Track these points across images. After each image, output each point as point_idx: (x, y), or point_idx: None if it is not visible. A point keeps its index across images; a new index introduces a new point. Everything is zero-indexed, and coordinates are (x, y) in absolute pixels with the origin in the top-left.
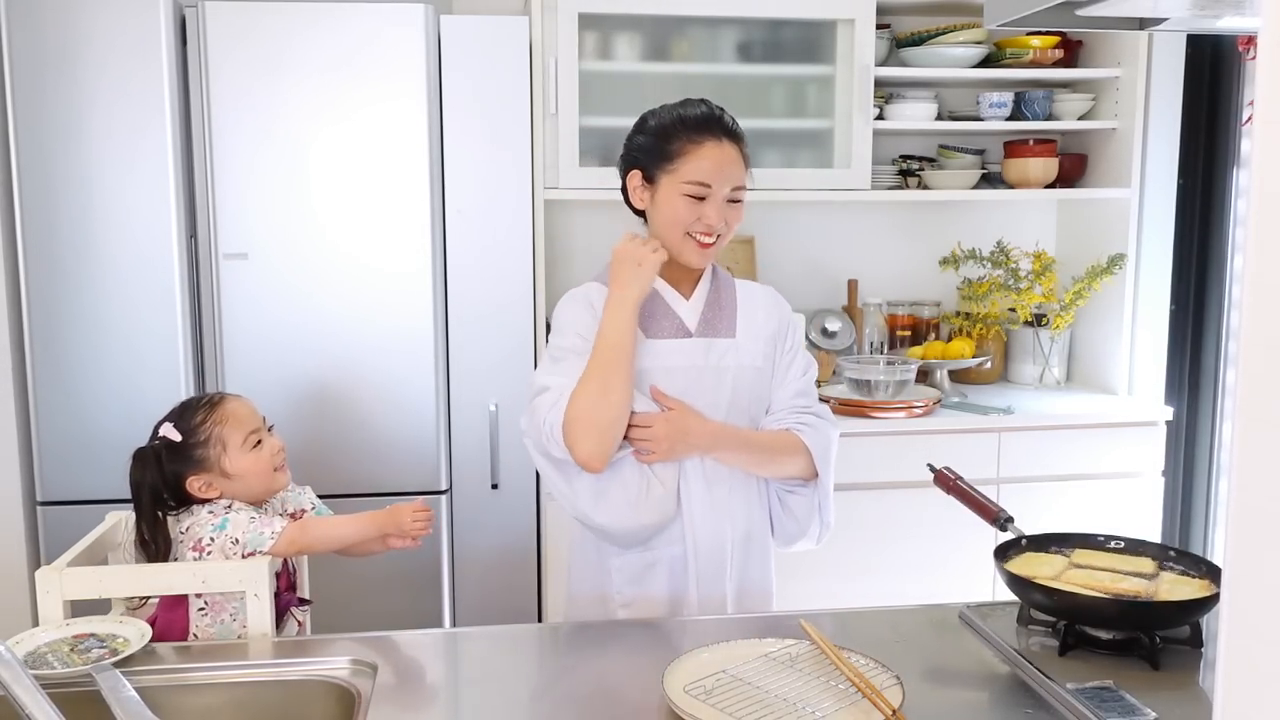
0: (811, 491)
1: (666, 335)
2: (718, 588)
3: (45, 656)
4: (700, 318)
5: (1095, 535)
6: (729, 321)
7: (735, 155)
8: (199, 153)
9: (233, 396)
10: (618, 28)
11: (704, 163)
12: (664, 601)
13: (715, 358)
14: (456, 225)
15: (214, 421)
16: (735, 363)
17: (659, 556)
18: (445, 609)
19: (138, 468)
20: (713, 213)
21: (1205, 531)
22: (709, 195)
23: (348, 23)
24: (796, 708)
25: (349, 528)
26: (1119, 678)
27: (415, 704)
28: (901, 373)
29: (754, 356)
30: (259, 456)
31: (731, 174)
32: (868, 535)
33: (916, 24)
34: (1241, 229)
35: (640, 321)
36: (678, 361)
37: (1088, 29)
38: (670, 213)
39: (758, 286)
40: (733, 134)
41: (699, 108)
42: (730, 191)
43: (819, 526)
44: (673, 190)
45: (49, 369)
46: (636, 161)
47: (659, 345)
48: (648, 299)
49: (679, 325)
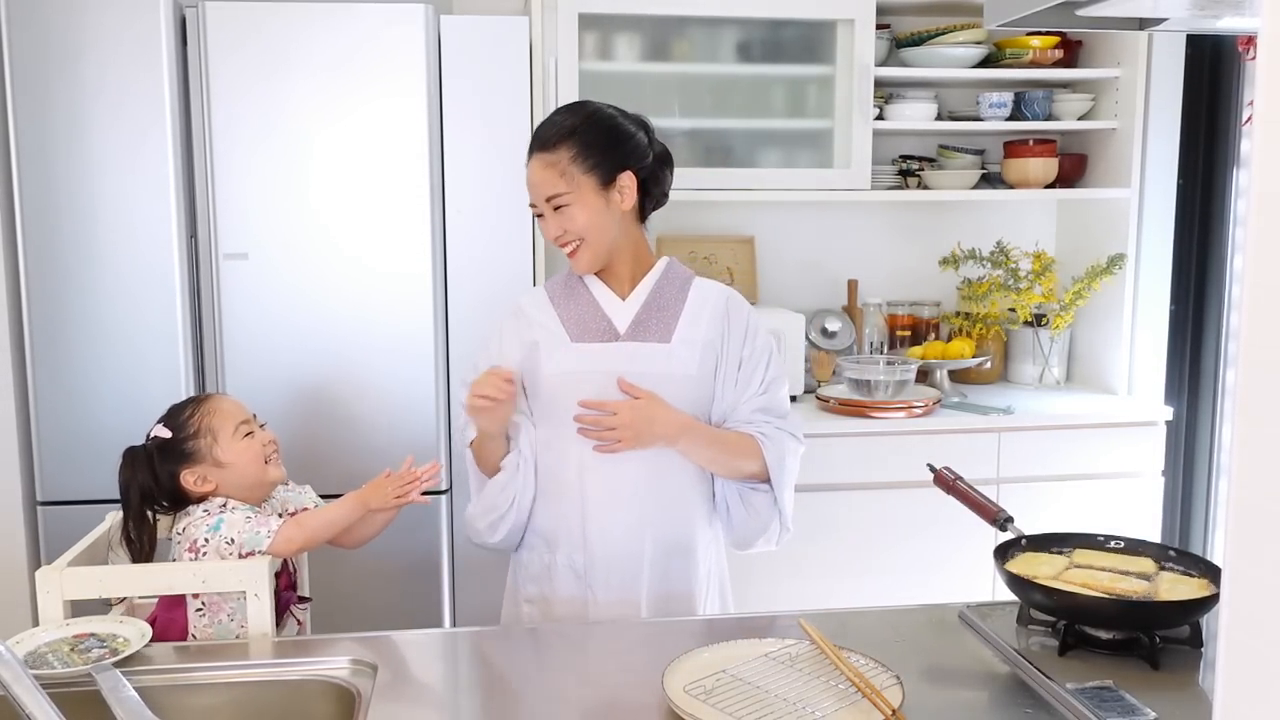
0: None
1: (592, 339)
2: (629, 594)
3: (45, 656)
4: (633, 320)
5: (1095, 535)
6: (665, 326)
7: (540, 167)
8: (199, 153)
9: (220, 394)
10: (618, 28)
11: (527, 183)
12: (566, 603)
13: (642, 363)
14: (456, 225)
15: (202, 414)
16: (664, 369)
17: (556, 560)
18: (445, 609)
19: (127, 467)
20: (547, 226)
21: (1205, 531)
22: (539, 210)
23: (348, 23)
24: (796, 708)
25: (339, 509)
26: (1119, 678)
27: (415, 704)
28: (901, 373)
29: (686, 364)
30: (250, 444)
31: (540, 188)
32: (868, 535)
33: (916, 24)
34: (1241, 229)
35: (568, 324)
36: (601, 365)
37: (1088, 29)
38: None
39: (717, 290)
40: (542, 145)
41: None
42: (546, 203)
43: (779, 527)
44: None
45: (49, 369)
46: None
47: (584, 349)
48: (576, 301)
49: (607, 328)
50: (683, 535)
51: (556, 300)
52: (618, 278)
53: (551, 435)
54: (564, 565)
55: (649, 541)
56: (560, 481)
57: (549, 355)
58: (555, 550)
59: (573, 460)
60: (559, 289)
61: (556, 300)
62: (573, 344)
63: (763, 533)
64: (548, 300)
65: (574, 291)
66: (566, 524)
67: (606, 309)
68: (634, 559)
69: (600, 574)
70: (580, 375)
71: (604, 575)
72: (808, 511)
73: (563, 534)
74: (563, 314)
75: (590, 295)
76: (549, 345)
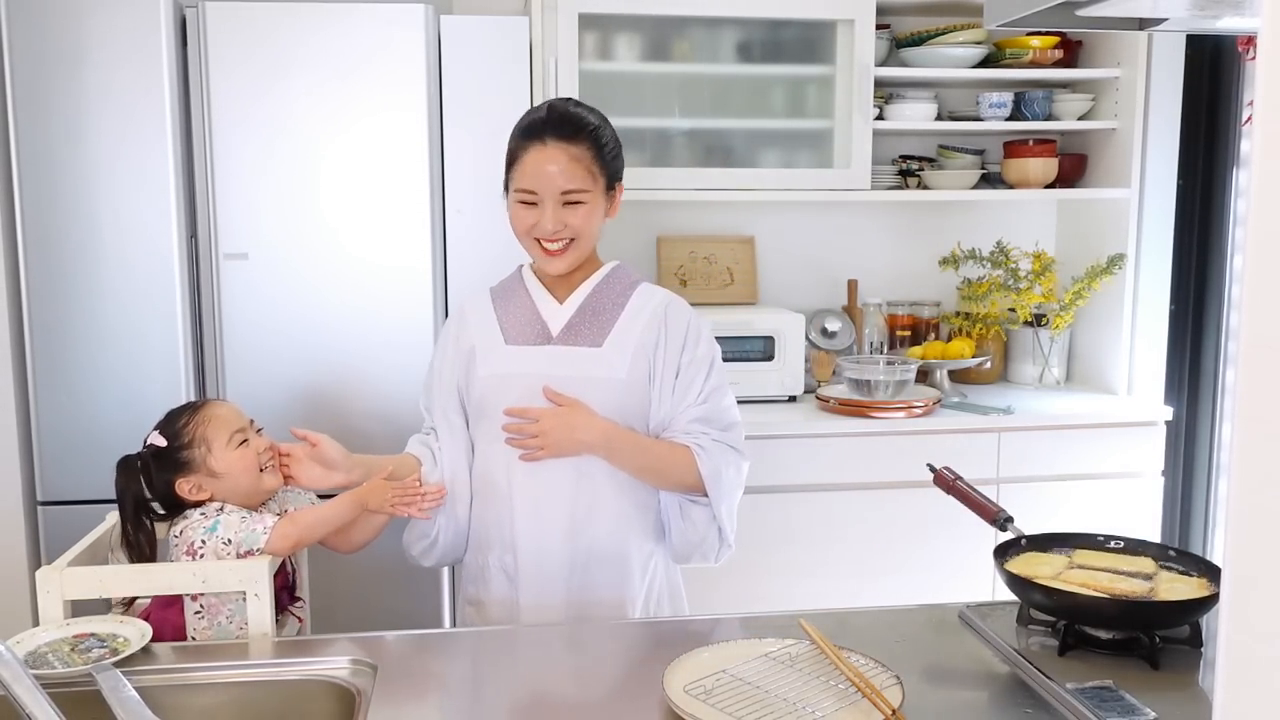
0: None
1: (523, 341)
2: (550, 598)
3: (45, 656)
4: (566, 324)
5: (1095, 535)
6: (600, 330)
7: (563, 157)
8: (199, 153)
9: (217, 400)
10: (618, 28)
11: (527, 170)
12: (499, 604)
13: (570, 366)
14: (456, 225)
15: (197, 423)
16: (594, 374)
17: (489, 561)
18: (445, 609)
19: (122, 476)
20: (546, 219)
21: (1205, 531)
22: (539, 200)
23: (348, 23)
24: (796, 708)
25: (335, 508)
26: (1119, 678)
27: (415, 704)
28: (901, 373)
29: (616, 369)
30: (244, 453)
31: (557, 179)
32: (868, 535)
33: (916, 24)
34: (1241, 229)
35: (505, 326)
36: (529, 368)
37: (1087, 29)
38: (512, 219)
39: (660, 294)
40: (564, 134)
41: (539, 111)
42: (561, 195)
43: (718, 543)
44: (512, 197)
45: (49, 369)
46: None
47: (514, 351)
48: (515, 303)
49: (540, 330)
50: (611, 543)
51: (497, 302)
52: (559, 282)
53: (482, 438)
54: (495, 567)
55: (574, 548)
56: (491, 484)
57: (484, 358)
58: (488, 552)
59: (501, 463)
60: (500, 291)
61: (497, 302)
62: (506, 346)
63: (699, 546)
64: (489, 302)
65: (514, 294)
66: (498, 526)
67: (543, 311)
68: (558, 563)
69: (526, 577)
70: (511, 378)
71: (530, 578)
72: (807, 511)
73: (495, 536)
74: (501, 316)
75: (529, 298)
76: (485, 348)
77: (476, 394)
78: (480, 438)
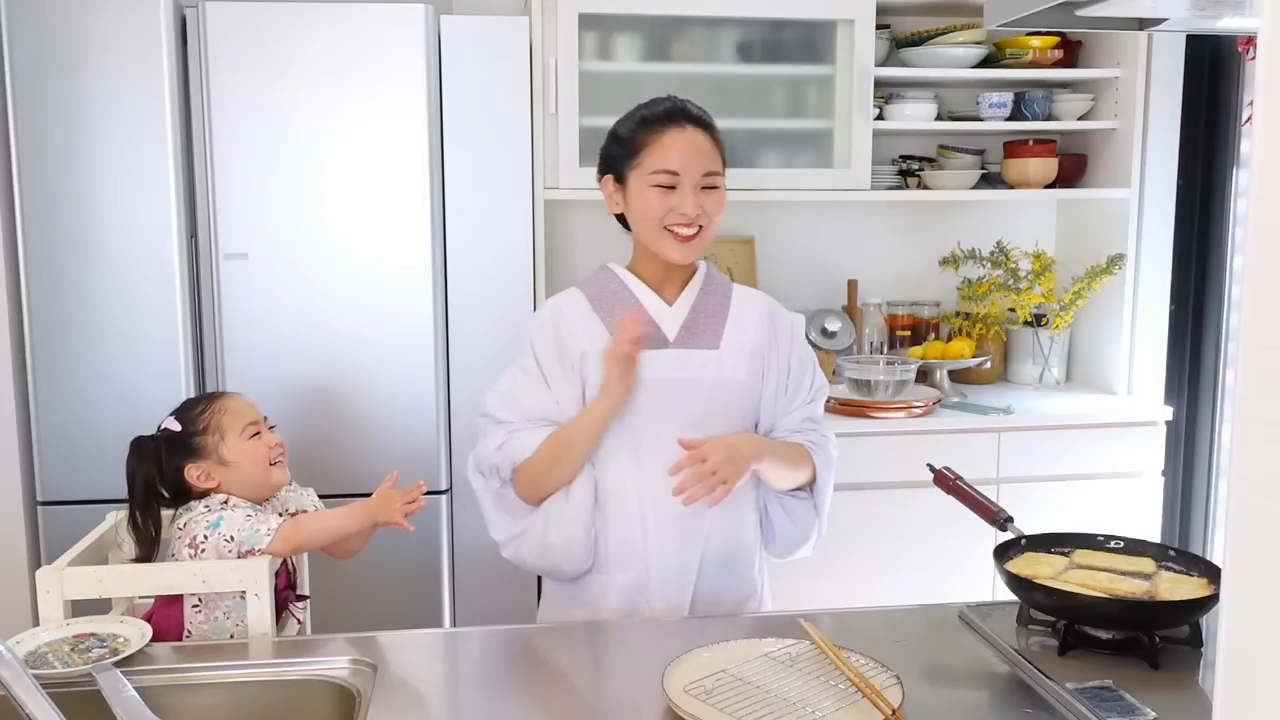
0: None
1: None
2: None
3: (45, 656)
4: (682, 326)
5: (1095, 535)
6: (714, 331)
7: (703, 140)
8: (199, 153)
9: (234, 393)
10: (618, 28)
11: (668, 151)
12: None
13: (693, 370)
14: (456, 225)
15: (213, 411)
16: (715, 376)
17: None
18: (445, 609)
19: (134, 456)
20: (686, 200)
21: (1205, 531)
22: (678, 183)
23: (348, 23)
24: (796, 708)
25: (343, 519)
26: (1119, 678)
27: (415, 704)
28: (901, 373)
29: (736, 370)
30: (255, 445)
31: (700, 159)
32: (868, 535)
33: (916, 24)
34: (1241, 229)
35: (612, 330)
36: (651, 374)
37: (1087, 29)
38: (643, 207)
39: (757, 296)
40: (698, 121)
41: (663, 103)
42: (702, 178)
43: (817, 534)
44: (641, 184)
45: (49, 369)
46: (608, 167)
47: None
48: (621, 306)
49: (656, 335)
50: (737, 547)
51: (599, 306)
52: (665, 281)
53: (608, 450)
54: (623, 582)
55: (704, 554)
56: (619, 498)
57: (599, 365)
58: (614, 569)
59: (629, 475)
60: (598, 295)
61: (599, 306)
62: None
63: (803, 540)
64: (587, 304)
65: (617, 296)
66: (626, 541)
67: (655, 315)
68: (690, 572)
69: (658, 588)
70: (637, 385)
71: (661, 589)
72: None
73: (622, 550)
74: (607, 319)
75: (636, 302)
76: (599, 354)
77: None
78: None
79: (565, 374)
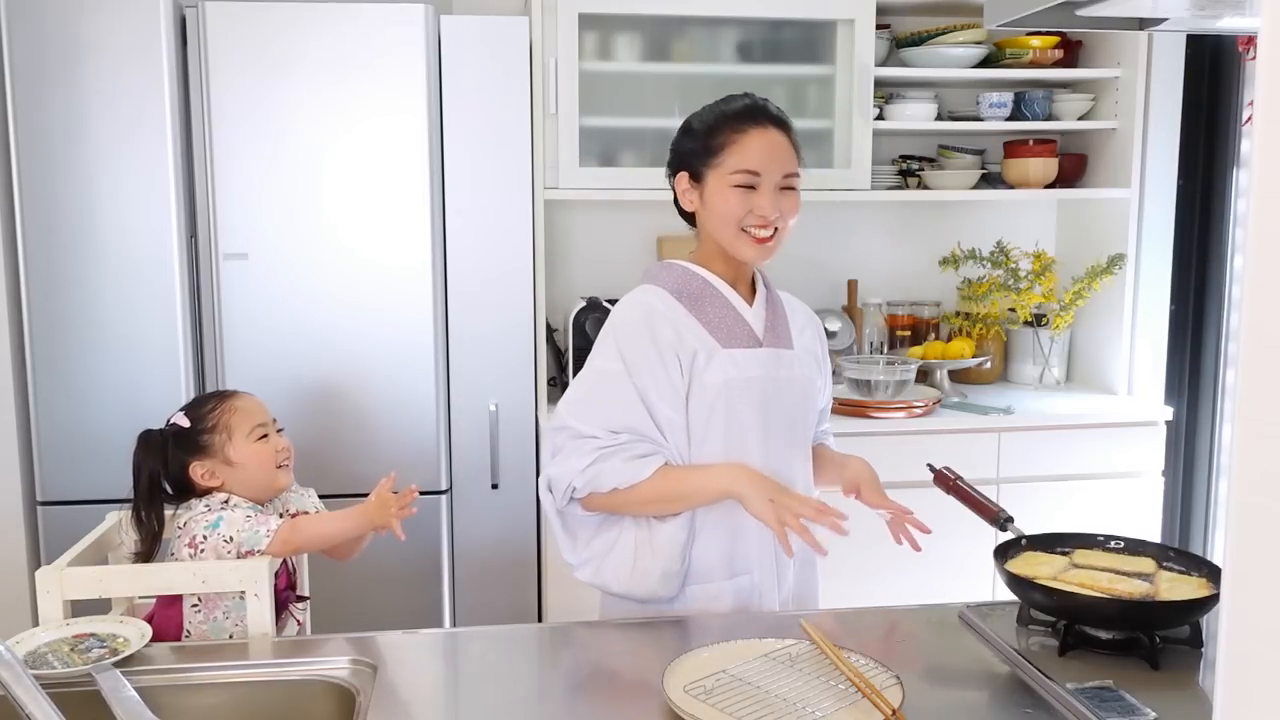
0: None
1: (741, 344)
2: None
3: (45, 656)
4: (765, 326)
5: (1095, 535)
6: (785, 332)
7: (783, 142)
8: (199, 153)
9: (245, 393)
10: (618, 28)
11: (750, 151)
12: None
13: (784, 369)
14: (456, 225)
15: (223, 410)
16: (801, 374)
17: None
18: (445, 609)
19: (141, 449)
20: (766, 202)
21: (1205, 531)
22: (759, 184)
23: (348, 23)
24: (796, 708)
25: (341, 523)
26: (1119, 678)
27: (415, 704)
28: (901, 373)
29: (808, 369)
30: (262, 448)
31: (781, 160)
32: (868, 535)
33: (916, 24)
34: (1241, 229)
35: (714, 329)
36: (757, 372)
37: (1088, 29)
38: (721, 207)
39: (794, 298)
40: (779, 121)
41: (741, 100)
42: (782, 179)
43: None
44: (721, 183)
45: (49, 369)
46: (682, 163)
47: (738, 355)
48: (712, 305)
49: (750, 334)
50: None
51: (689, 303)
52: (740, 282)
53: (722, 449)
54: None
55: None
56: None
57: (710, 364)
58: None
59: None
60: (684, 292)
61: (689, 303)
62: (723, 350)
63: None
64: (679, 304)
65: (705, 295)
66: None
67: (743, 314)
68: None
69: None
70: (751, 382)
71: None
72: None
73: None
74: (701, 317)
75: (724, 299)
76: (706, 352)
77: (704, 403)
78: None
79: (667, 373)
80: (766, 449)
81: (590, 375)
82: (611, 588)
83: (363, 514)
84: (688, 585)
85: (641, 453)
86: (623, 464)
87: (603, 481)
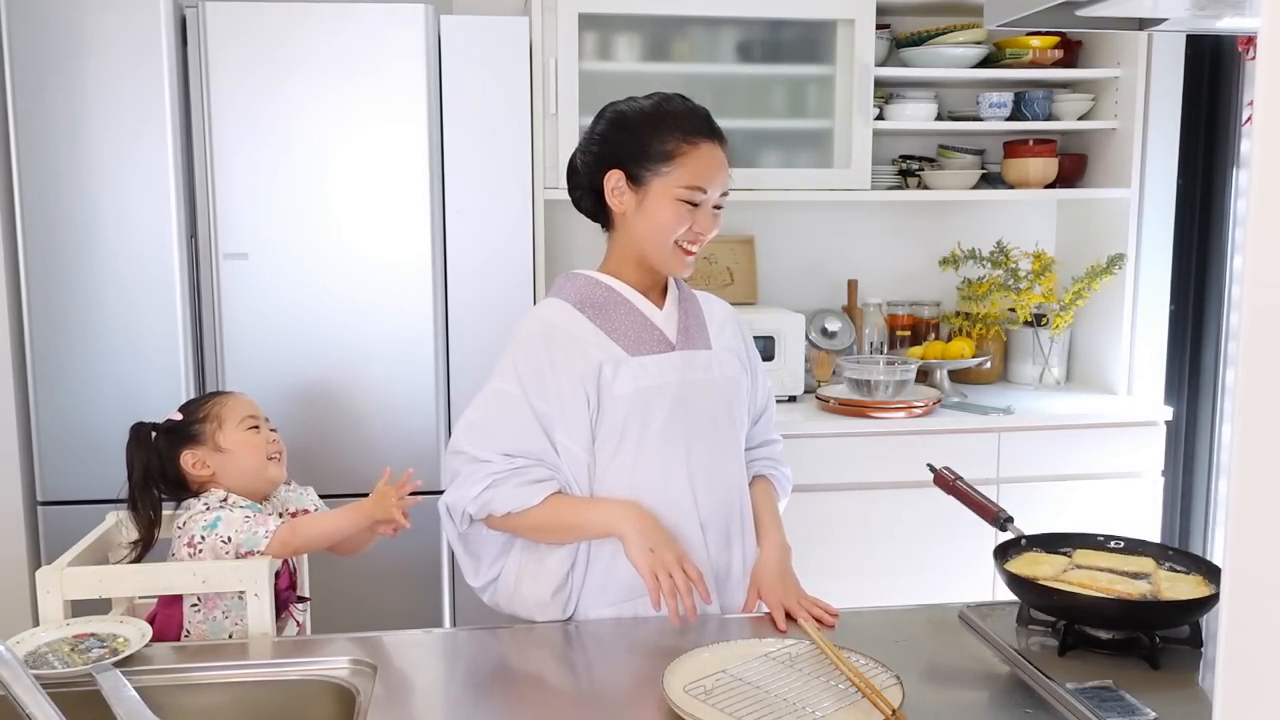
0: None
1: (650, 350)
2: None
3: (45, 656)
4: (678, 328)
5: (1095, 535)
6: (702, 333)
7: (724, 159)
8: (199, 153)
9: (239, 394)
10: (618, 28)
11: (702, 167)
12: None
13: (700, 370)
14: (456, 225)
15: (215, 403)
16: (720, 374)
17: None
18: (445, 609)
19: (133, 442)
20: (707, 220)
21: (1205, 531)
22: (703, 201)
23: (348, 23)
24: (796, 708)
25: (339, 521)
26: (1119, 678)
27: (415, 704)
28: (901, 373)
29: (731, 368)
30: (252, 437)
31: (722, 180)
32: (868, 535)
33: (916, 24)
34: (1241, 229)
35: (620, 339)
36: (670, 377)
37: (1087, 29)
38: (662, 218)
39: (716, 300)
40: (722, 136)
41: (681, 103)
42: (719, 198)
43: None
44: (665, 194)
45: (49, 369)
46: (616, 160)
47: (647, 362)
48: (617, 313)
49: (660, 338)
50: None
51: (591, 313)
52: (649, 287)
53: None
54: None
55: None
56: (673, 501)
57: (616, 373)
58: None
59: (682, 475)
60: (588, 303)
61: (591, 313)
62: (632, 358)
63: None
64: (579, 314)
65: (610, 303)
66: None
67: (653, 319)
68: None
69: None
70: (664, 388)
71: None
72: (807, 511)
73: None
74: (606, 328)
75: (632, 306)
76: (611, 362)
77: (621, 411)
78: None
79: (562, 402)
80: (689, 453)
81: (487, 396)
82: (504, 610)
83: (361, 509)
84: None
85: (535, 478)
86: (514, 490)
87: (495, 507)
